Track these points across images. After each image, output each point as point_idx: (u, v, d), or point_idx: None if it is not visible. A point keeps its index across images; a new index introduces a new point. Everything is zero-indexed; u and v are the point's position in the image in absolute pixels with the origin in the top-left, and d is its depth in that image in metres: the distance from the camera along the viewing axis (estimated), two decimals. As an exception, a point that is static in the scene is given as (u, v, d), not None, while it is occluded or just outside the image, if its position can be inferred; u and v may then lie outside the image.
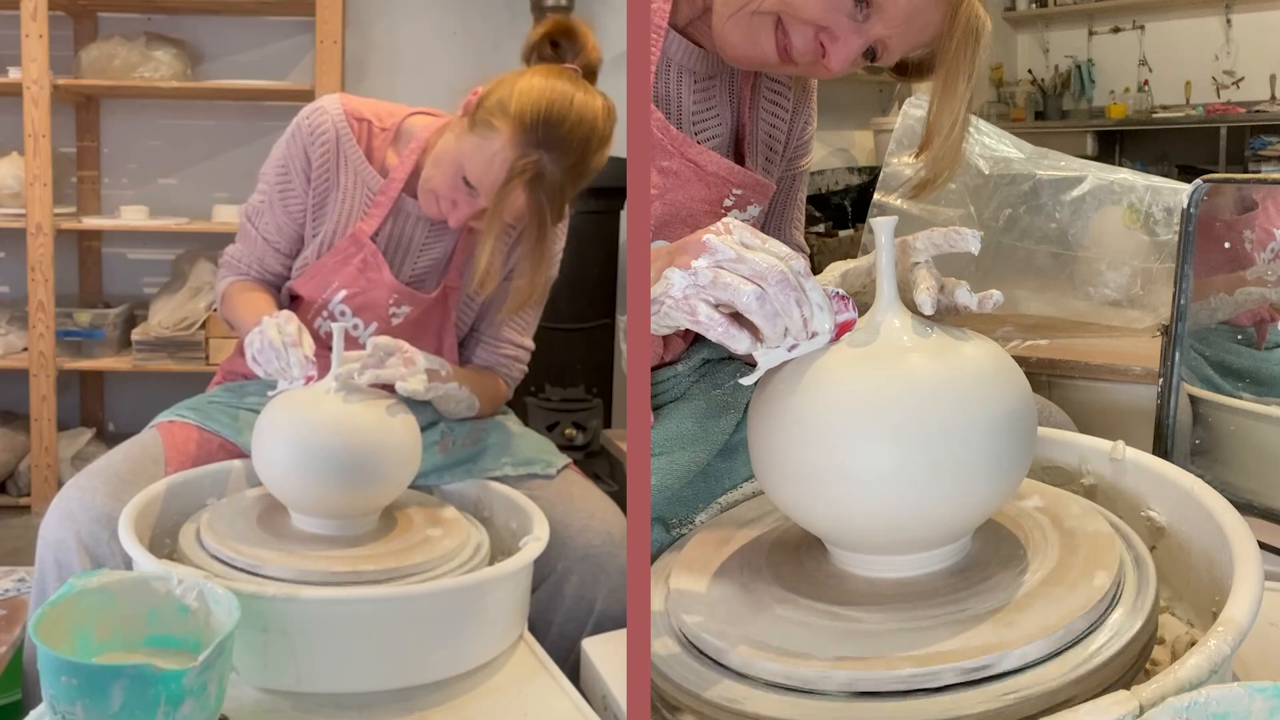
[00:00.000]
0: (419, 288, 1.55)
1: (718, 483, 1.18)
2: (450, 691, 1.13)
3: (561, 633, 1.39)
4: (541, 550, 1.24)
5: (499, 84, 1.38)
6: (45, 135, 2.75)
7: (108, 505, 1.30)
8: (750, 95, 1.31)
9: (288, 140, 1.51)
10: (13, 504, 2.80)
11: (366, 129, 1.51)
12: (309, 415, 1.21)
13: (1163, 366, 1.37)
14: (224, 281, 1.59)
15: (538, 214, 1.36)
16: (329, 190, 1.51)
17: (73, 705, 0.84)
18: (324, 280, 1.51)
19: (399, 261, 1.53)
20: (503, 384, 1.64)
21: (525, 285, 1.44)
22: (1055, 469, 1.03)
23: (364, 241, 1.50)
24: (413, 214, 1.52)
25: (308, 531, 1.24)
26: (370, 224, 1.50)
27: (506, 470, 1.48)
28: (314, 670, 1.07)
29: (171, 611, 1.00)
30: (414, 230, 1.53)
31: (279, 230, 1.54)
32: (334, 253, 1.50)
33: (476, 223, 1.44)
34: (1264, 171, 4.51)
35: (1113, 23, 5.39)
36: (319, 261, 1.51)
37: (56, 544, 1.31)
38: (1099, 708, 0.62)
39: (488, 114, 1.36)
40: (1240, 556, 0.77)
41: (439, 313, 1.55)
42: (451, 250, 1.56)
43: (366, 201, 1.50)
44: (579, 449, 2.61)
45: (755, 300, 0.77)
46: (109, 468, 1.38)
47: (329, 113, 1.50)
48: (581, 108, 1.34)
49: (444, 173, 1.41)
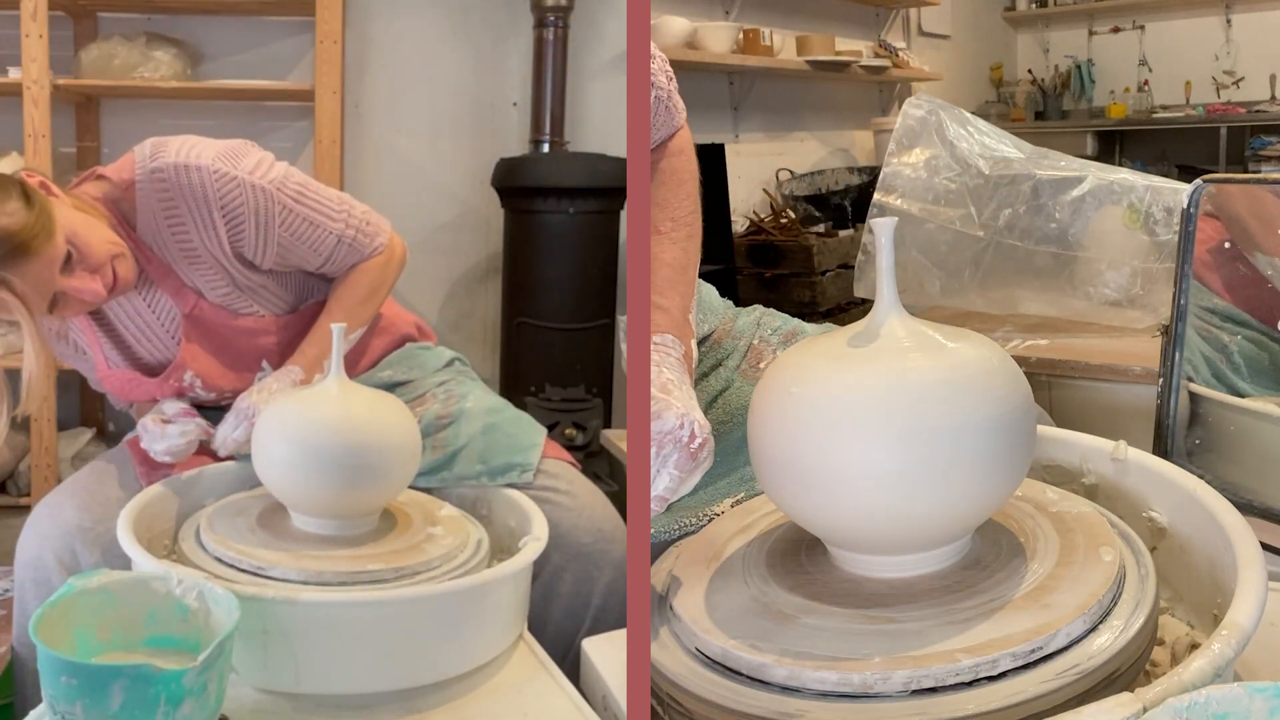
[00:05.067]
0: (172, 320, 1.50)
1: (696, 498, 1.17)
2: (450, 692, 1.13)
3: (558, 631, 1.39)
4: (541, 550, 1.24)
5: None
6: (45, 135, 2.74)
7: (77, 517, 1.31)
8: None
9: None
10: (13, 504, 2.80)
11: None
12: (309, 415, 1.21)
13: (1163, 366, 1.37)
14: (137, 415, 1.58)
15: (14, 303, 1.25)
16: (73, 337, 1.52)
17: (73, 705, 0.84)
18: (143, 412, 1.49)
19: (155, 342, 1.50)
20: (370, 268, 1.54)
21: (42, 367, 1.32)
22: (1056, 469, 1.03)
23: (109, 376, 1.50)
24: (116, 312, 1.49)
25: (308, 531, 1.24)
26: (99, 366, 1.50)
27: (483, 480, 1.44)
28: (314, 671, 1.07)
29: (171, 611, 1.00)
30: (132, 318, 1.49)
31: (92, 369, 1.54)
32: (116, 396, 1.54)
33: (120, 265, 1.37)
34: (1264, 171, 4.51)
35: (1113, 23, 5.39)
36: (119, 396, 1.54)
37: (33, 561, 1.32)
38: (1103, 709, 0.62)
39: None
40: (1244, 559, 0.77)
41: (215, 331, 1.47)
42: (166, 293, 1.47)
43: (83, 336, 1.50)
44: (579, 449, 2.61)
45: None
46: (75, 482, 1.40)
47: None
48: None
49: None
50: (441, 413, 1.52)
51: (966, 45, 5.26)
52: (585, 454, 2.61)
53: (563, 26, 3.06)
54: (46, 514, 1.35)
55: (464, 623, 1.13)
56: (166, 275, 1.44)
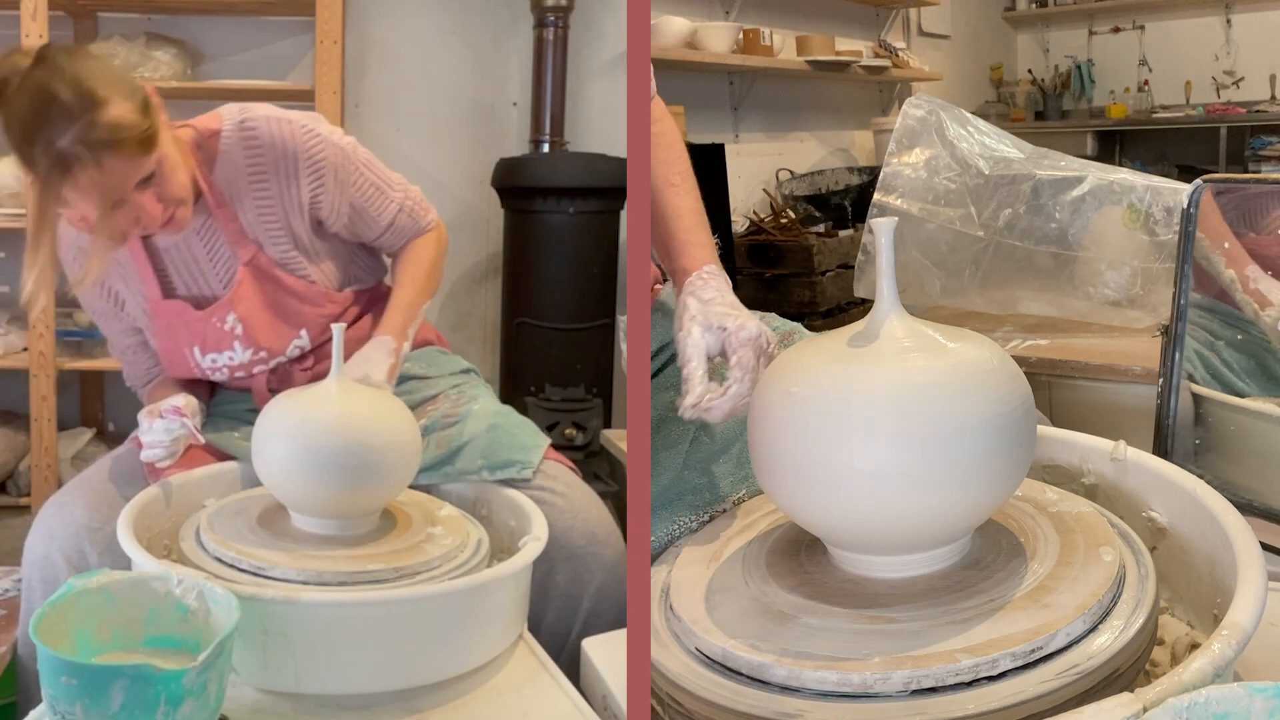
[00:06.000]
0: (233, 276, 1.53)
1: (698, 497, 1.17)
2: (450, 692, 1.13)
3: (550, 632, 1.39)
4: (541, 550, 1.24)
5: None
6: (45, 135, 2.74)
7: (86, 518, 1.31)
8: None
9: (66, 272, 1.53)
10: (13, 504, 2.80)
11: (89, 224, 1.47)
12: (309, 415, 1.21)
13: (1163, 366, 1.37)
14: (142, 394, 1.61)
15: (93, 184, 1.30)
16: (112, 287, 1.53)
17: (73, 705, 0.84)
18: (176, 354, 1.51)
19: (204, 285, 1.51)
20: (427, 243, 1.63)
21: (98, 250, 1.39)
22: (1056, 469, 1.03)
23: (160, 306, 1.50)
24: (170, 246, 1.50)
25: (308, 531, 1.24)
26: (152, 290, 1.50)
27: (483, 475, 1.45)
28: (314, 671, 1.07)
29: (171, 612, 1.00)
30: (187, 255, 1.51)
31: (122, 336, 1.58)
32: (156, 331, 1.52)
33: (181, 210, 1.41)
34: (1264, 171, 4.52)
35: (1113, 23, 5.39)
36: (158, 342, 1.53)
37: (41, 560, 1.32)
38: (1103, 709, 0.62)
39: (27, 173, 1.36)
40: (1244, 560, 0.77)
41: (268, 286, 1.50)
42: (227, 239, 1.50)
43: (138, 274, 1.51)
44: (579, 449, 2.61)
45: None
46: (85, 481, 1.40)
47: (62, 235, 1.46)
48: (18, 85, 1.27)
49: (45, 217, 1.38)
50: (449, 411, 1.54)
51: (966, 45, 5.26)
52: (585, 454, 2.61)
53: (563, 26, 3.06)
54: (55, 513, 1.35)
55: (464, 623, 1.13)
56: (232, 222, 1.48)
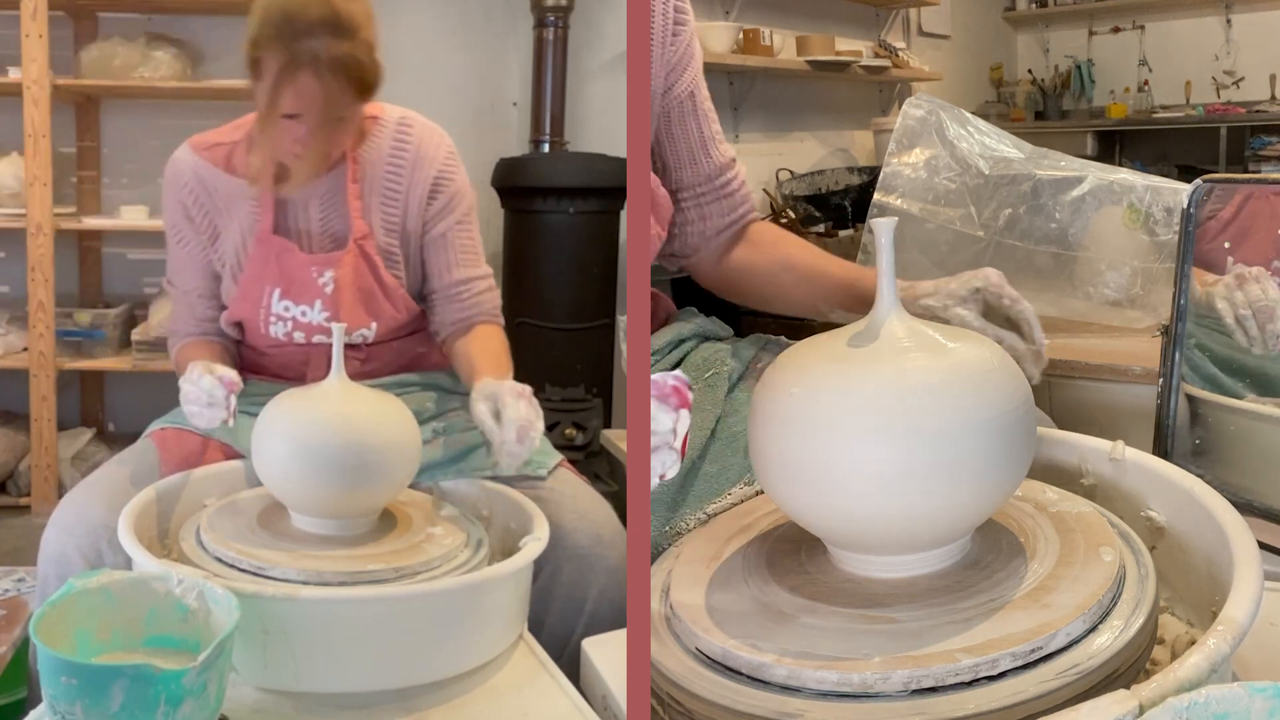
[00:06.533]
0: (336, 251, 1.56)
1: (705, 487, 1.17)
2: (450, 691, 1.13)
3: (553, 633, 1.39)
4: (542, 550, 1.24)
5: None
6: (45, 135, 2.74)
7: (105, 516, 1.31)
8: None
9: (164, 200, 1.59)
10: (13, 504, 2.80)
11: (220, 152, 1.56)
12: (309, 415, 1.21)
13: (1163, 366, 1.37)
14: (174, 350, 1.63)
15: (322, 92, 1.38)
16: (214, 221, 1.56)
17: (73, 705, 0.84)
18: (255, 291, 1.53)
19: (307, 245, 1.56)
20: (495, 329, 1.63)
21: (306, 162, 1.46)
22: (1055, 469, 1.03)
23: (269, 239, 1.53)
24: (297, 199, 1.55)
25: (308, 531, 1.24)
26: (265, 223, 1.53)
27: (497, 471, 1.46)
28: (314, 670, 1.07)
29: (171, 611, 1.00)
30: (305, 212, 1.55)
31: (196, 278, 1.59)
32: (250, 263, 1.54)
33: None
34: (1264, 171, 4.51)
35: (1113, 23, 5.40)
36: (242, 278, 1.55)
37: (58, 557, 1.31)
38: (1099, 707, 0.62)
39: (252, 56, 1.41)
40: (1240, 556, 0.77)
41: (364, 264, 1.55)
42: (346, 210, 1.56)
43: (252, 210, 1.54)
44: (579, 449, 2.61)
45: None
46: (104, 479, 1.39)
47: (181, 158, 1.57)
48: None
49: (264, 133, 1.45)
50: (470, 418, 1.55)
51: (966, 45, 5.26)
52: (585, 454, 2.61)
53: (563, 26, 3.06)
54: (72, 511, 1.34)
55: (464, 622, 1.13)
56: (357, 200, 1.55)
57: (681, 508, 1.15)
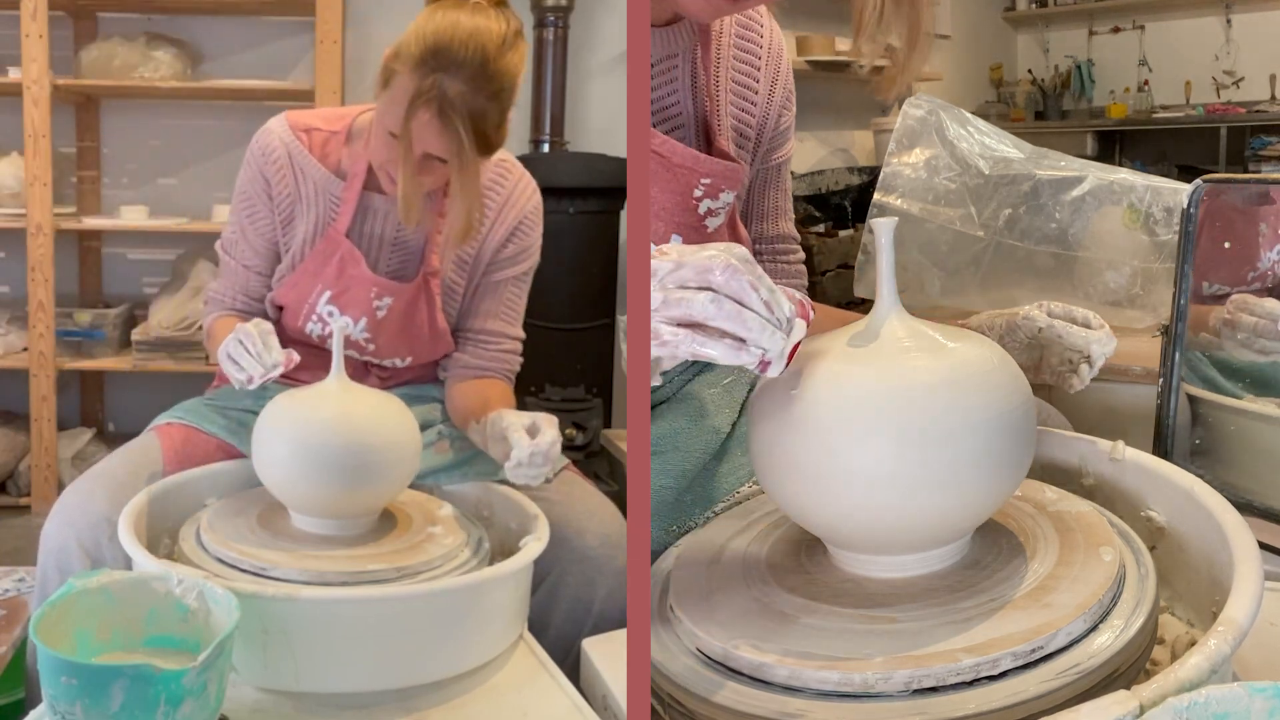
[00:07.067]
0: (398, 279, 1.55)
1: (715, 486, 1.18)
2: (450, 691, 1.13)
3: (559, 634, 1.39)
4: (542, 550, 1.24)
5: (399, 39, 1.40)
6: (45, 135, 2.74)
7: (107, 509, 1.30)
8: (715, 76, 1.26)
9: (245, 168, 1.56)
10: (13, 504, 2.80)
11: (317, 138, 1.54)
12: (309, 415, 1.21)
13: (1163, 366, 1.37)
14: (209, 318, 1.60)
15: (453, 139, 1.34)
16: (293, 204, 1.53)
17: (73, 705, 0.84)
18: (307, 284, 1.52)
19: (374, 256, 1.54)
20: (507, 387, 1.63)
21: (456, 219, 1.42)
22: (1055, 469, 1.03)
23: (340, 240, 1.51)
24: (380, 209, 1.53)
25: (308, 531, 1.24)
26: (341, 224, 1.51)
27: (501, 474, 1.46)
28: (314, 670, 1.07)
29: (171, 611, 1.00)
30: (384, 224, 1.54)
31: (256, 254, 1.56)
32: (313, 257, 1.52)
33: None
34: (1264, 171, 4.51)
35: (1113, 23, 5.39)
36: (300, 268, 1.52)
37: (58, 550, 1.31)
38: (1099, 708, 0.62)
39: (389, 66, 1.38)
40: (1240, 556, 0.77)
41: (423, 300, 1.55)
42: (425, 236, 1.55)
43: (332, 205, 1.52)
44: (579, 449, 2.61)
45: (711, 305, 0.74)
46: (108, 472, 1.38)
47: (275, 132, 1.54)
48: (469, 26, 1.34)
49: (376, 141, 1.42)
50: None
51: (966, 45, 5.26)
52: (585, 454, 2.61)
53: (563, 26, 3.06)
54: (77, 502, 1.33)
55: (464, 622, 1.13)
56: (439, 232, 1.53)
57: (694, 509, 1.16)
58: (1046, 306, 1.15)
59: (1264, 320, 1.33)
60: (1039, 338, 1.10)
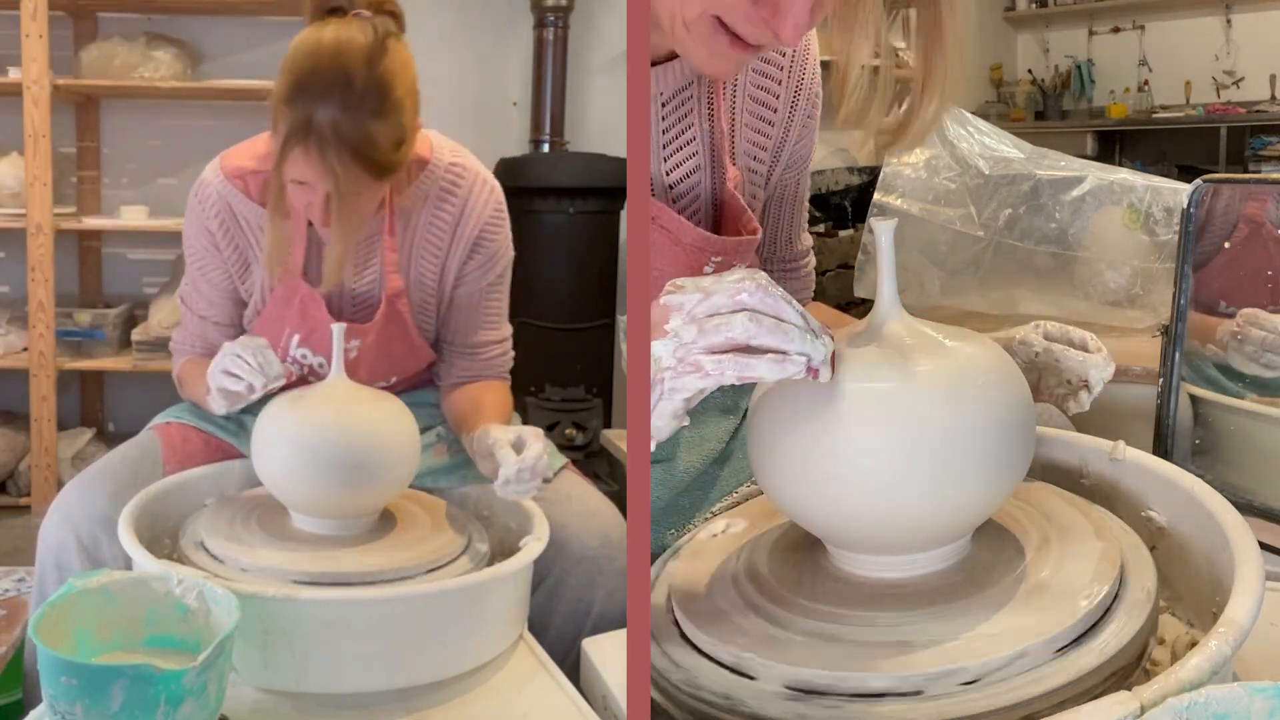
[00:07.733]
0: (366, 305, 1.50)
1: (716, 490, 1.18)
2: (450, 691, 1.13)
3: (559, 634, 1.39)
4: (541, 550, 1.24)
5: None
6: (45, 135, 2.74)
7: (107, 507, 1.30)
8: (731, 99, 1.22)
9: (187, 223, 1.49)
10: (13, 504, 2.80)
11: (254, 182, 1.45)
12: (309, 415, 1.21)
13: (1163, 366, 1.37)
14: (177, 366, 1.57)
15: (326, 172, 1.25)
16: (244, 252, 1.47)
17: (72, 705, 0.84)
18: (275, 330, 1.47)
19: (339, 288, 1.48)
20: (503, 385, 1.62)
21: (331, 254, 1.35)
22: (1055, 469, 1.03)
23: (297, 284, 1.45)
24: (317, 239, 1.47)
25: (308, 531, 1.24)
26: (295, 266, 1.44)
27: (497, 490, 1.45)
28: (314, 670, 1.07)
29: (171, 611, 1.00)
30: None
31: (211, 305, 1.51)
32: (273, 302, 1.46)
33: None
34: (1264, 171, 4.51)
35: (1113, 23, 5.39)
36: (264, 313, 1.48)
37: (56, 546, 1.31)
38: (1099, 708, 0.62)
39: (271, 109, 1.29)
40: (1241, 557, 0.77)
41: (394, 327, 1.50)
42: (379, 256, 1.49)
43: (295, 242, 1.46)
44: (579, 449, 2.61)
45: (751, 323, 0.73)
46: (108, 469, 1.38)
47: (212, 184, 1.46)
48: (331, 44, 1.24)
49: (274, 178, 1.33)
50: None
51: (966, 45, 5.26)
52: (585, 454, 2.61)
53: (563, 26, 3.06)
54: (75, 498, 1.33)
55: (463, 622, 1.13)
56: (392, 252, 1.47)
57: (693, 513, 1.16)
58: (1043, 328, 1.10)
59: (1273, 335, 1.33)
60: (1036, 361, 1.08)
